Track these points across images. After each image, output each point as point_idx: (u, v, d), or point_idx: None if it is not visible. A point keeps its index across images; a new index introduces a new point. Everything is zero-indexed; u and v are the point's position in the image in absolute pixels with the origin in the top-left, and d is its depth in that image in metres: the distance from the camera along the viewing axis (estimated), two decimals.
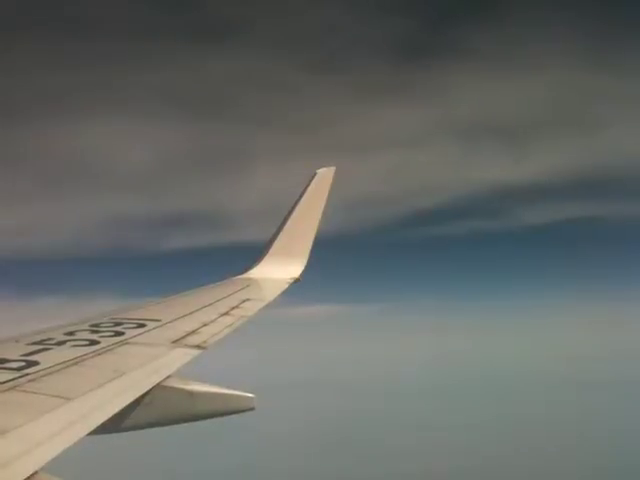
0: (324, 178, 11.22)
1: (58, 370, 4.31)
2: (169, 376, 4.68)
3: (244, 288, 8.96)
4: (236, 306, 7.58)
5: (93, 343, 5.22)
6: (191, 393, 4.62)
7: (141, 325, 6.11)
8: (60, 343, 5.17)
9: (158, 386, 4.48)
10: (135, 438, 4.64)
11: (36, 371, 4.21)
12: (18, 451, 2.98)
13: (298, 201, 10.95)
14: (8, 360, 4.46)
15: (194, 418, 4.70)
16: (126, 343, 5.36)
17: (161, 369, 4.76)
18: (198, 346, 5.57)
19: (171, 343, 5.53)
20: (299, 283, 10.06)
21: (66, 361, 4.55)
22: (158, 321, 6.35)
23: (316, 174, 11.23)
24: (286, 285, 9.60)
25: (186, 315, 6.83)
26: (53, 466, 3.03)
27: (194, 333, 6.01)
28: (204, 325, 6.39)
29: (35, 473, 2.88)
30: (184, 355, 5.25)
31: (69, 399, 3.75)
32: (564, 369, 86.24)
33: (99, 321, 6.25)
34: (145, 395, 4.34)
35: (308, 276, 10.29)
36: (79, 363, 4.58)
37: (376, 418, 60.64)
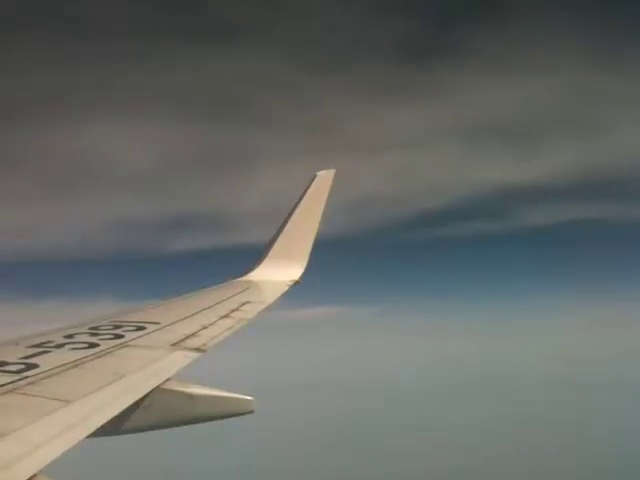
0: (324, 180, 11.23)
1: (57, 373, 4.32)
2: (168, 379, 4.68)
3: (244, 291, 8.97)
4: (236, 309, 7.59)
5: (92, 346, 5.23)
6: (191, 396, 4.62)
7: (141, 328, 6.12)
8: (59, 346, 5.18)
9: (157, 389, 4.48)
10: (135, 439, 4.64)
11: (35, 374, 4.21)
12: (17, 453, 2.99)
13: (298, 203, 10.95)
14: (7, 363, 4.46)
15: (194, 421, 4.70)
16: (126, 346, 5.37)
17: (160, 372, 4.77)
18: (198, 349, 5.58)
19: (171, 346, 5.54)
20: (299, 285, 10.07)
21: (65, 364, 4.56)
22: (157, 324, 6.36)
23: (316, 176, 11.24)
24: (286, 287, 9.61)
25: (186, 318, 6.83)
26: (52, 468, 3.04)
27: (193, 336, 6.02)
28: (204, 328, 6.40)
29: (34, 476, 2.89)
30: (184, 358, 5.26)
31: (68, 402, 3.75)
32: (565, 370, 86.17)
33: (99, 324, 6.26)
34: (145, 398, 4.34)
35: (308, 278, 10.30)
36: (78, 366, 4.58)
37: (376, 418, 60.60)
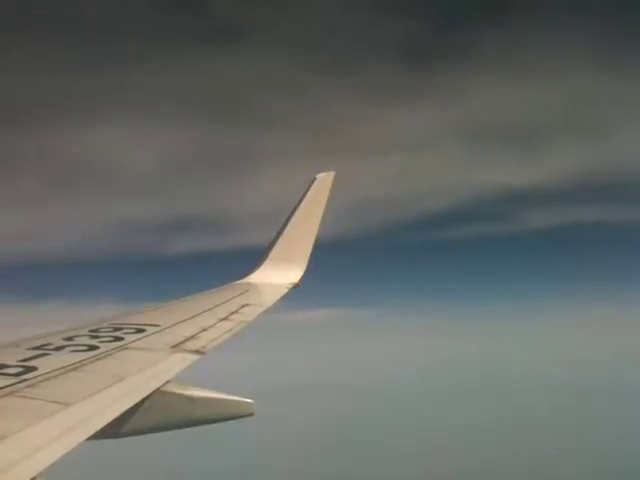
0: (323, 183, 11.23)
1: (56, 376, 4.31)
2: (168, 381, 4.68)
3: (243, 293, 8.98)
4: (235, 311, 7.59)
5: (92, 348, 5.22)
6: (190, 398, 4.62)
7: (140, 330, 6.12)
8: (59, 348, 5.18)
9: (157, 391, 4.48)
10: (134, 440, 4.64)
11: (34, 376, 4.21)
12: (17, 456, 2.98)
13: (297, 206, 10.94)
14: (6, 366, 4.45)
15: (193, 423, 4.70)
16: (125, 348, 5.37)
17: (160, 374, 4.77)
18: (197, 351, 5.58)
19: (170, 348, 5.54)
20: (299, 288, 10.07)
21: (65, 366, 4.55)
22: (157, 326, 6.36)
23: (315, 179, 11.24)
24: (285, 290, 9.60)
25: (185, 320, 6.83)
26: (52, 471, 3.04)
27: (193, 338, 6.02)
28: (203, 330, 6.40)
29: (34, 479, 2.89)
30: (183, 360, 5.26)
31: (68, 404, 3.75)
32: (565, 372, 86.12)
33: (98, 326, 6.25)
34: (144, 400, 4.34)
35: (308, 281, 10.30)
36: (78, 368, 4.58)
37: (376, 420, 60.54)
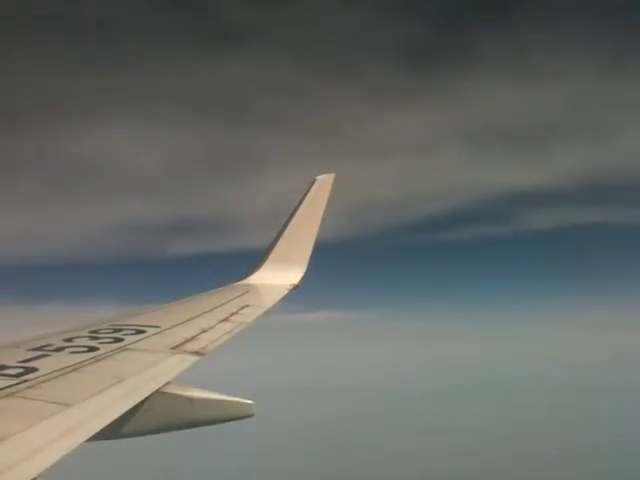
0: (323, 184, 11.23)
1: (57, 377, 4.31)
2: (168, 382, 4.68)
3: (243, 294, 8.97)
4: (235, 312, 7.59)
5: (92, 349, 5.22)
6: (190, 399, 4.62)
7: (140, 331, 6.12)
8: (59, 349, 5.18)
9: (157, 392, 4.48)
10: (134, 441, 4.64)
11: (34, 377, 4.21)
12: (17, 457, 2.99)
13: (297, 208, 10.95)
14: (6, 367, 4.45)
15: (193, 424, 4.70)
16: (125, 349, 5.37)
17: (160, 375, 4.77)
18: (197, 352, 5.58)
19: (170, 349, 5.54)
20: (298, 289, 10.07)
21: (65, 367, 4.55)
22: (157, 327, 6.36)
23: (315, 180, 11.25)
24: (285, 291, 9.60)
25: (185, 321, 6.83)
26: (52, 472, 3.04)
27: (193, 339, 6.02)
28: (203, 331, 6.40)
29: (34, 479, 2.90)
30: (183, 361, 5.26)
31: (68, 405, 3.75)
32: (566, 373, 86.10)
33: (98, 327, 6.25)
34: (144, 401, 4.34)
35: (308, 282, 10.30)
36: (78, 369, 4.58)
37: (376, 422, 60.57)
